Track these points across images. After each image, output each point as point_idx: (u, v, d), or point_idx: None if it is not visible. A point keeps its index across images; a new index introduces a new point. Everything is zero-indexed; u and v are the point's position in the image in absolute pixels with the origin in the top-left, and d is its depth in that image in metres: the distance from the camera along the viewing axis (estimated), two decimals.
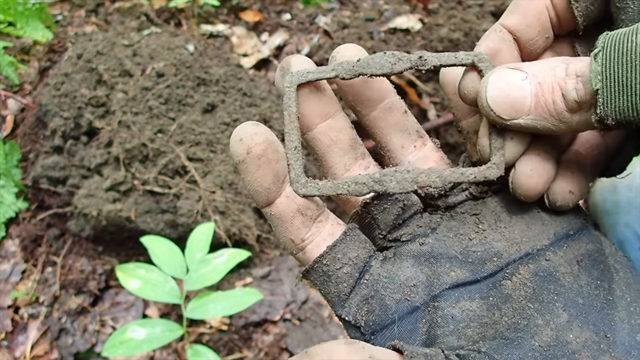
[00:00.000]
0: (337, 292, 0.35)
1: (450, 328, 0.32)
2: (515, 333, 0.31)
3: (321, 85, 0.35)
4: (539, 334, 0.31)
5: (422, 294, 0.34)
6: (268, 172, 0.33)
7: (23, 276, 1.32)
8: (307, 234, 0.35)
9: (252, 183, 0.34)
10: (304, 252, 0.36)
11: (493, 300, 0.33)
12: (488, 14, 1.74)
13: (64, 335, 1.22)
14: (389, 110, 0.37)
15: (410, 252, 0.35)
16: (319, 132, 0.36)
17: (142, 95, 1.35)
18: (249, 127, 0.33)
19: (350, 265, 0.35)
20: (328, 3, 1.80)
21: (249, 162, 0.33)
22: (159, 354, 1.19)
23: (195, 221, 1.20)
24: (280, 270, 1.28)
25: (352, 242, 0.35)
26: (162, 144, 1.29)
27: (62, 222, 1.35)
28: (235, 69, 1.51)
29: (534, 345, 0.31)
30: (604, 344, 0.30)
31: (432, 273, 0.34)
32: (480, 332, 0.32)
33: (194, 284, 1.01)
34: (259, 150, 0.33)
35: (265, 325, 1.21)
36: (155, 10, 1.73)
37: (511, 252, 0.34)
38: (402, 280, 0.34)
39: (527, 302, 0.32)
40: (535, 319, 0.31)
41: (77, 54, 1.44)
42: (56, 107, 1.36)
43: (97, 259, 1.30)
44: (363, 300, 0.34)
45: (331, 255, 0.35)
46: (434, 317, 0.33)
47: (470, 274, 0.34)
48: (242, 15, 1.77)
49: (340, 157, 0.37)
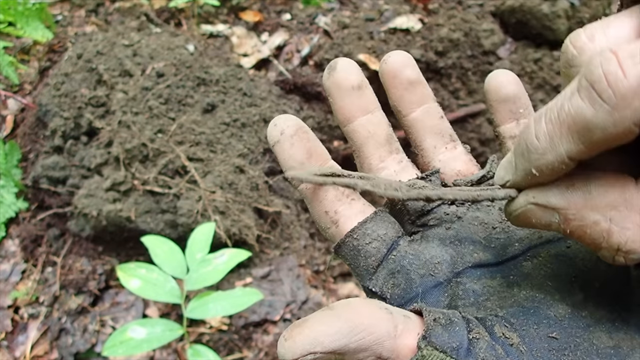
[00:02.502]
0: (365, 265, 0.37)
1: (470, 300, 0.34)
2: (532, 303, 0.32)
3: (363, 83, 0.39)
4: (555, 306, 0.32)
5: (446, 271, 0.35)
6: (301, 148, 0.37)
7: (23, 276, 1.32)
8: (340, 207, 0.37)
9: (288, 160, 0.37)
10: (337, 224, 0.37)
11: (513, 278, 0.34)
12: (488, 14, 1.74)
13: (64, 335, 1.22)
14: (427, 113, 0.41)
15: (436, 234, 0.37)
16: (358, 124, 0.39)
17: (142, 95, 1.35)
18: (283, 115, 0.37)
19: (379, 241, 0.36)
20: (328, 3, 1.80)
21: (283, 141, 0.36)
22: (159, 353, 1.19)
23: (195, 221, 1.20)
24: (280, 270, 1.28)
25: (382, 221, 0.37)
26: (162, 144, 1.29)
27: (62, 222, 1.35)
28: (235, 69, 1.51)
29: (549, 314, 0.32)
30: (618, 322, 0.31)
31: (457, 254, 0.36)
32: (499, 304, 0.33)
33: (194, 283, 1.01)
34: (291, 131, 0.37)
35: (265, 325, 1.21)
36: (155, 10, 1.73)
37: (533, 239, 0.35)
38: (427, 257, 0.36)
39: (545, 280, 0.33)
40: (553, 294, 0.33)
41: (77, 54, 1.44)
42: (56, 107, 1.36)
43: (97, 259, 1.30)
44: (390, 274, 0.36)
45: (361, 230, 0.37)
46: (455, 291, 0.35)
47: (493, 257, 0.36)
48: (242, 15, 1.77)
49: (376, 149, 0.40)
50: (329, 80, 0.39)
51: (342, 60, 0.39)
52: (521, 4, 1.70)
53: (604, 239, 0.26)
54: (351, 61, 0.39)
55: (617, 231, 0.25)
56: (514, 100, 0.40)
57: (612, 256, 0.26)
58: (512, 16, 1.73)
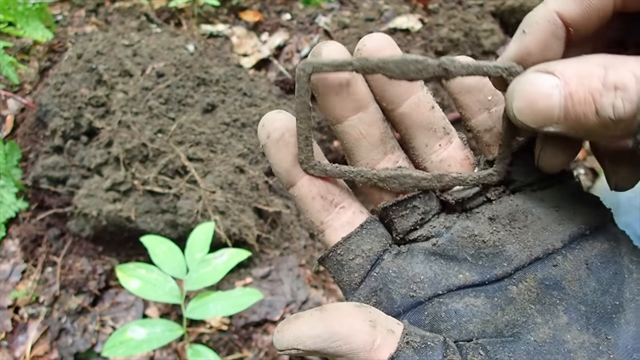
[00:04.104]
0: (348, 280, 0.36)
1: (452, 322, 0.33)
2: (513, 329, 0.32)
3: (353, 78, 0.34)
4: (535, 330, 0.32)
5: (428, 290, 0.35)
6: (287, 155, 0.35)
7: (23, 276, 1.32)
8: (327, 217, 0.37)
9: (274, 165, 0.36)
10: (323, 234, 0.37)
11: (497, 301, 0.33)
12: (488, 14, 1.74)
13: (64, 335, 1.22)
14: (416, 106, 0.36)
15: (422, 248, 0.36)
16: (349, 125, 0.36)
17: (142, 95, 1.35)
18: (272, 114, 0.35)
19: (363, 257, 0.36)
20: (328, 3, 1.80)
21: (270, 146, 0.35)
22: (159, 354, 1.19)
23: (195, 221, 1.20)
24: (280, 270, 1.28)
25: (367, 235, 0.36)
26: (162, 144, 1.29)
27: (62, 222, 1.35)
28: (235, 69, 1.51)
29: (529, 340, 0.31)
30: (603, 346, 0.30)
31: (441, 272, 0.35)
32: (481, 328, 0.33)
33: (194, 284, 1.01)
34: (277, 135, 0.35)
35: (265, 325, 1.21)
36: (155, 10, 1.73)
37: (522, 258, 0.34)
38: (410, 275, 0.35)
39: (529, 304, 0.33)
40: (535, 317, 0.32)
41: (77, 54, 1.44)
42: (56, 107, 1.36)
43: (97, 259, 1.30)
44: (372, 292, 0.36)
45: (345, 246, 0.36)
46: (437, 312, 0.34)
47: (479, 276, 0.34)
48: (242, 15, 1.77)
49: (368, 152, 0.37)
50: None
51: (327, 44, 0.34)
52: (521, 4, 1.70)
53: (600, 81, 0.26)
54: (338, 45, 0.34)
55: (612, 73, 0.26)
56: (479, 88, 0.36)
57: (610, 103, 0.26)
58: (512, 16, 1.73)
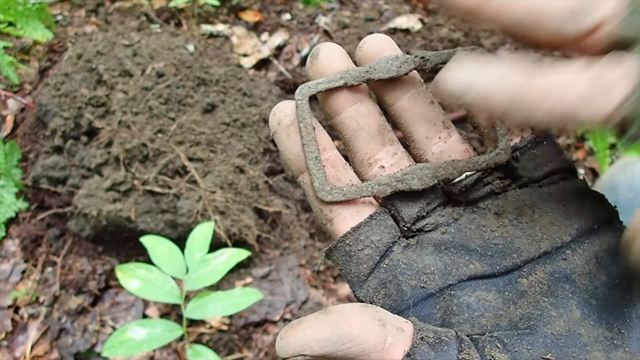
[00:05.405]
0: (356, 272, 0.36)
1: (465, 316, 0.33)
2: (528, 322, 0.32)
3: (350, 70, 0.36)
4: (552, 323, 0.31)
5: (439, 282, 0.34)
6: (298, 141, 0.36)
7: (23, 276, 1.32)
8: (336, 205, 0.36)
9: (284, 152, 0.36)
10: (332, 223, 0.37)
11: (509, 295, 0.33)
12: None
13: (64, 335, 1.22)
14: (414, 100, 0.37)
15: (431, 240, 0.36)
16: (346, 116, 0.37)
17: (142, 95, 1.35)
18: (283, 103, 0.36)
19: (372, 248, 0.35)
20: (328, 3, 1.80)
21: (280, 132, 0.36)
22: (159, 354, 1.19)
23: (195, 221, 1.20)
24: (280, 270, 1.28)
25: (377, 226, 0.36)
26: (162, 144, 1.29)
27: (62, 222, 1.35)
28: (235, 69, 1.51)
29: (546, 332, 0.31)
30: (617, 340, 0.31)
31: (451, 262, 0.35)
32: (495, 322, 0.32)
33: (194, 284, 1.01)
34: (287, 121, 0.36)
35: (265, 325, 1.21)
36: (155, 10, 1.73)
37: (530, 251, 0.34)
38: (420, 267, 0.35)
39: (541, 297, 0.32)
40: (549, 310, 0.32)
41: (77, 54, 1.44)
42: (56, 107, 1.36)
43: (97, 259, 1.30)
44: (381, 283, 0.35)
45: (354, 236, 0.35)
46: (449, 305, 0.33)
47: (489, 267, 0.34)
48: (242, 15, 1.77)
49: (367, 142, 0.37)
50: (312, 70, 0.36)
51: (325, 46, 0.36)
52: None
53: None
54: (336, 46, 0.36)
55: None
56: None
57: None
58: None
